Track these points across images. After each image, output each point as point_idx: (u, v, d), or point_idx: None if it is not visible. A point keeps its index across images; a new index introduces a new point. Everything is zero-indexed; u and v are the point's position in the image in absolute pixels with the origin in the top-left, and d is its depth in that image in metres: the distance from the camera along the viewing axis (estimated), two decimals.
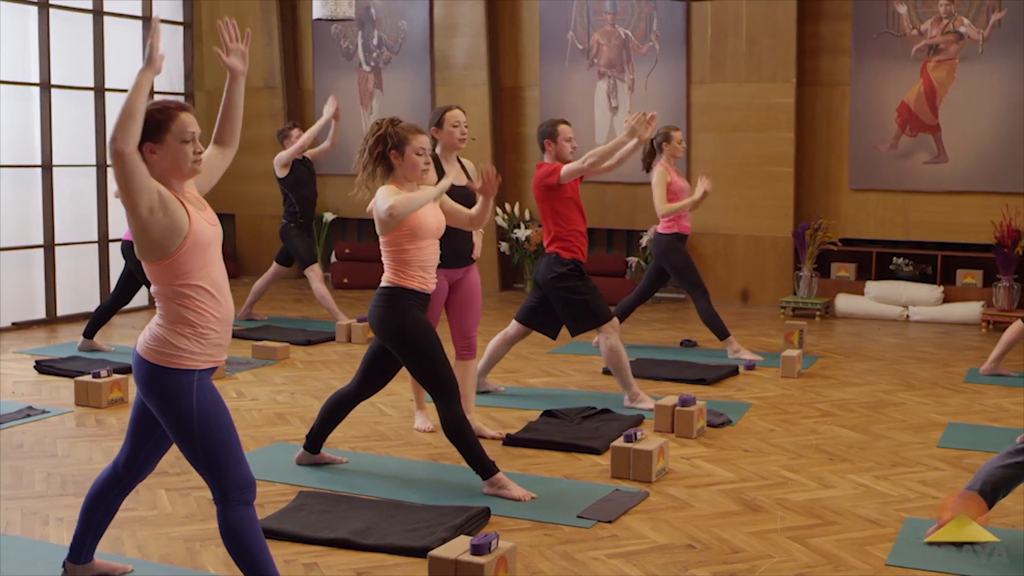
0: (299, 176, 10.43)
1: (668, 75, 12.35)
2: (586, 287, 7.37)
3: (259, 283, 10.90)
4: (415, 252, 5.55)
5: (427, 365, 5.55)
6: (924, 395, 7.94)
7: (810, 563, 4.73)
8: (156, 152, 3.94)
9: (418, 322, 5.54)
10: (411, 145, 5.50)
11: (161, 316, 3.95)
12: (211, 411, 3.96)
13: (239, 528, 3.96)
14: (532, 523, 5.20)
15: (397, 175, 5.55)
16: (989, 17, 11.20)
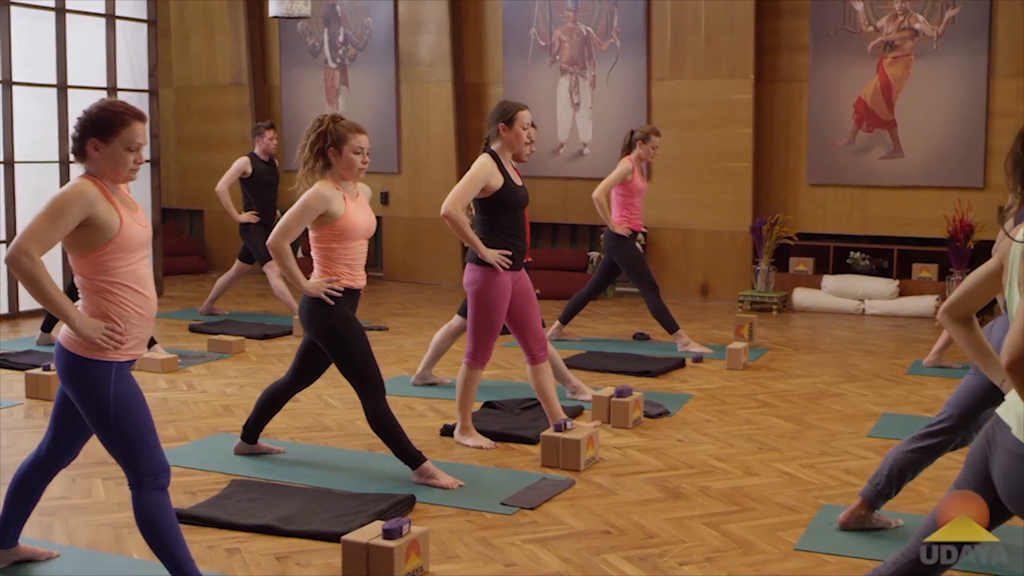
0: (259, 178, 10.49)
1: (629, 72, 12.47)
2: None
3: (222, 279, 10.98)
4: (342, 251, 5.62)
5: (353, 360, 5.62)
6: (864, 386, 8.07)
7: (721, 547, 4.85)
8: (100, 150, 4.03)
9: (346, 318, 5.62)
10: (349, 144, 5.55)
11: (84, 308, 4.05)
12: (127, 400, 4.06)
13: (153, 512, 4.07)
14: (456, 510, 5.31)
15: (334, 172, 5.61)
16: (943, 14, 11.33)
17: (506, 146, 6.25)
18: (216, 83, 14.62)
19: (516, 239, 6.28)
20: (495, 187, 6.15)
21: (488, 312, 6.21)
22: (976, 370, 4.69)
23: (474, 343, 6.30)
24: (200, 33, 14.67)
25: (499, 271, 6.14)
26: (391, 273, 13.94)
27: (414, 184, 13.58)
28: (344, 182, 5.63)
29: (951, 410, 4.80)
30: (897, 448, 4.99)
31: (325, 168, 5.61)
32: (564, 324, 9.69)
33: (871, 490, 4.98)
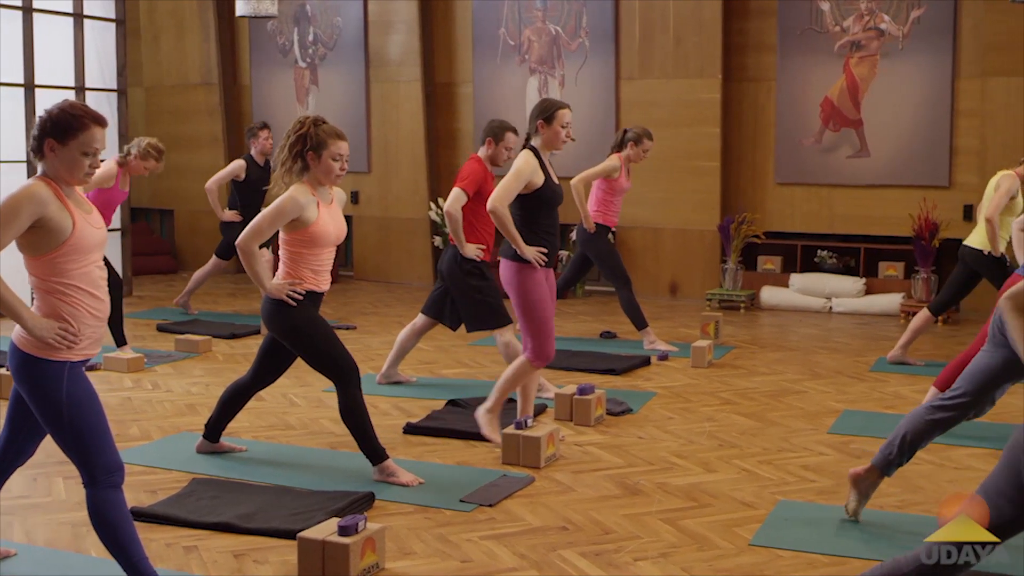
0: (252, 184, 10.44)
1: (598, 71, 12.51)
2: (489, 288, 7.46)
3: (199, 273, 10.94)
4: (311, 257, 5.62)
5: (321, 353, 5.63)
6: (827, 384, 8.13)
7: (676, 543, 4.89)
8: (56, 152, 4.01)
9: (308, 316, 5.62)
10: (329, 149, 5.51)
11: (37, 308, 4.05)
12: (81, 399, 4.06)
13: (107, 510, 4.08)
14: (415, 507, 5.34)
15: (311, 176, 5.57)
16: (909, 14, 11.41)
17: (545, 143, 6.23)
18: (186, 83, 14.60)
19: (552, 236, 6.29)
20: (537, 184, 6.14)
21: (535, 307, 6.19)
22: (990, 347, 4.75)
23: (534, 344, 6.25)
24: (170, 33, 14.65)
25: (535, 267, 6.15)
26: (361, 272, 13.95)
27: (384, 183, 13.60)
28: (320, 187, 5.61)
29: (966, 386, 4.86)
30: (911, 416, 5.01)
31: (303, 171, 5.57)
32: None
33: (882, 458, 5.03)
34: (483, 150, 7.57)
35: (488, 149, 7.54)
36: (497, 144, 7.51)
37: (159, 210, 15.20)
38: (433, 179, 13.35)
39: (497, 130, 7.57)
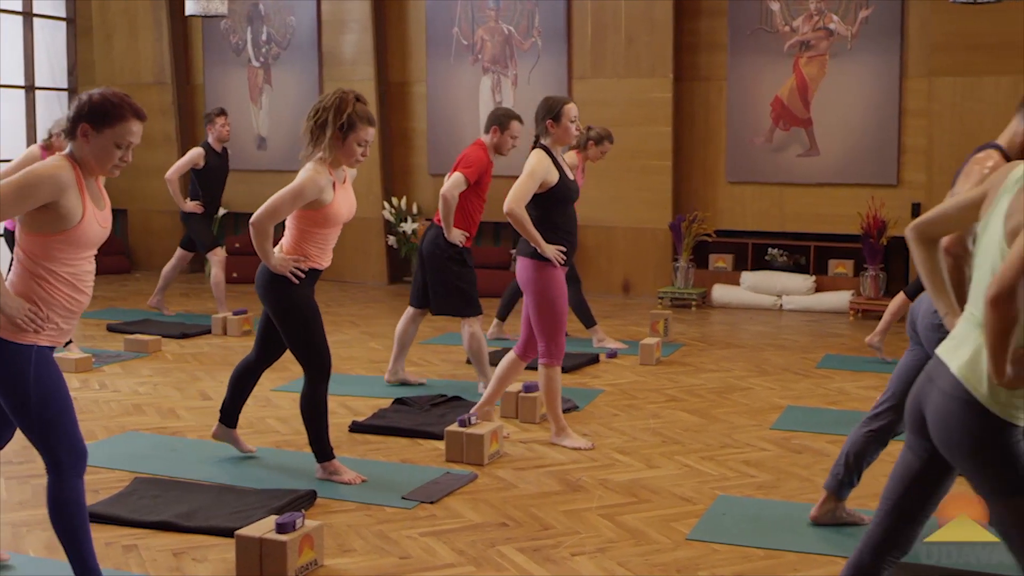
0: (211, 172, 10.41)
1: (550, 70, 12.57)
2: (467, 275, 7.50)
3: (166, 269, 10.87)
4: (319, 236, 5.57)
5: (306, 340, 5.60)
6: (773, 380, 8.21)
7: (614, 538, 4.94)
8: (88, 137, 3.94)
9: (304, 297, 5.58)
10: (356, 133, 5.40)
11: (11, 283, 3.96)
12: (48, 383, 3.97)
13: (69, 498, 3.98)
14: (357, 504, 5.37)
15: (332, 155, 5.43)
16: (857, 14, 11.53)
17: (556, 141, 6.23)
18: (139, 82, 14.51)
19: (569, 235, 6.29)
20: (552, 182, 6.13)
21: (551, 307, 6.21)
22: (910, 345, 4.79)
23: (546, 342, 6.28)
24: (122, 32, 14.57)
25: (554, 266, 6.16)
26: None
27: None
28: (337, 167, 5.53)
29: (893, 388, 4.87)
30: (851, 435, 5.06)
31: (328, 147, 5.41)
32: (503, 321, 9.74)
33: (833, 481, 5.06)
34: (488, 137, 7.60)
35: (494, 137, 7.58)
36: (503, 132, 7.56)
37: (112, 209, 15.06)
38: (387, 178, 13.36)
39: (503, 118, 7.60)
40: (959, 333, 3.12)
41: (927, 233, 3.32)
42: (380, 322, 10.62)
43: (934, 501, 3.28)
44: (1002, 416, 2.96)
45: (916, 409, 3.19)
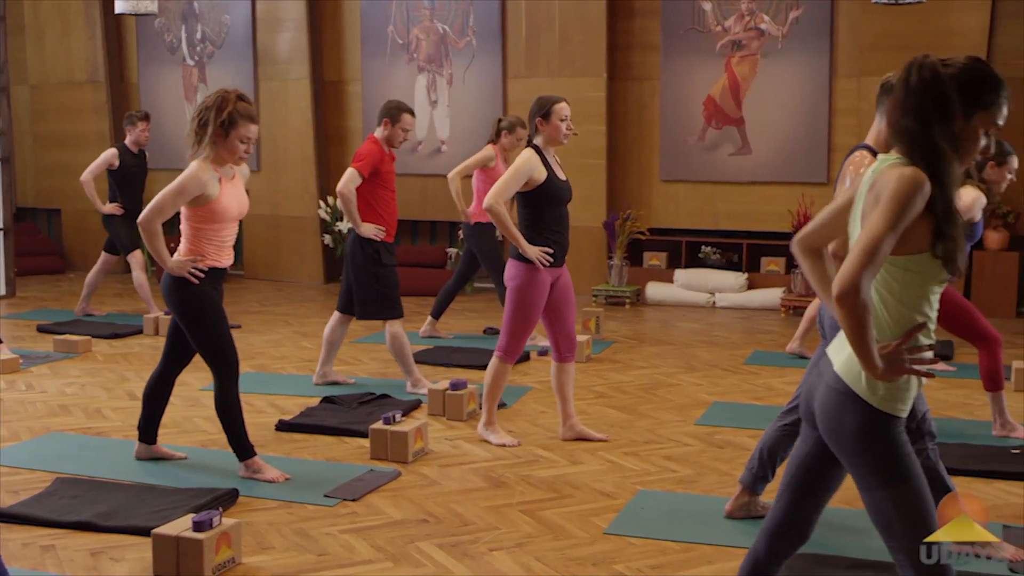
0: (127, 171, 10.36)
1: (485, 70, 12.61)
2: (386, 276, 7.51)
3: (91, 276, 10.82)
4: (212, 232, 5.59)
5: (210, 340, 5.61)
6: (701, 376, 8.29)
7: (533, 533, 4.99)
8: None
9: (207, 297, 5.59)
10: (238, 130, 5.47)
11: None
12: None
13: None
14: (278, 502, 5.38)
15: (215, 153, 5.51)
16: (788, 15, 11.66)
17: (547, 140, 6.23)
18: (72, 80, 14.42)
19: (559, 235, 6.28)
20: (539, 180, 6.13)
21: (525, 309, 6.23)
22: (822, 342, 4.86)
23: (507, 338, 6.30)
24: (55, 29, 14.45)
25: (539, 268, 6.16)
26: (251, 271, 13.90)
27: (273, 181, 13.56)
28: (223, 164, 5.57)
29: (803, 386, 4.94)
30: (767, 430, 5.13)
31: (212, 146, 5.49)
32: (436, 319, 9.77)
33: (748, 476, 5.13)
34: (380, 131, 7.63)
35: (385, 130, 7.61)
36: (394, 125, 7.59)
37: (46, 210, 14.99)
38: (323, 177, 13.34)
39: (394, 111, 7.63)
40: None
41: (811, 244, 3.40)
42: (313, 321, 10.61)
43: (827, 491, 3.35)
44: (883, 409, 3.03)
45: (808, 402, 3.26)
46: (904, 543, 3.11)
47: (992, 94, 3.02)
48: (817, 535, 4.68)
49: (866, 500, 3.15)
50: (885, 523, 3.13)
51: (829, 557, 4.66)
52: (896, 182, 2.92)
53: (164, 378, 6.01)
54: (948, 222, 2.95)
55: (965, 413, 7.22)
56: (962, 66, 3.03)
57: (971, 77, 3.01)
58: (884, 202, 2.92)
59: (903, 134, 3.03)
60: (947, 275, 3.01)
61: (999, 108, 3.04)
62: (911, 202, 2.90)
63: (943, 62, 3.03)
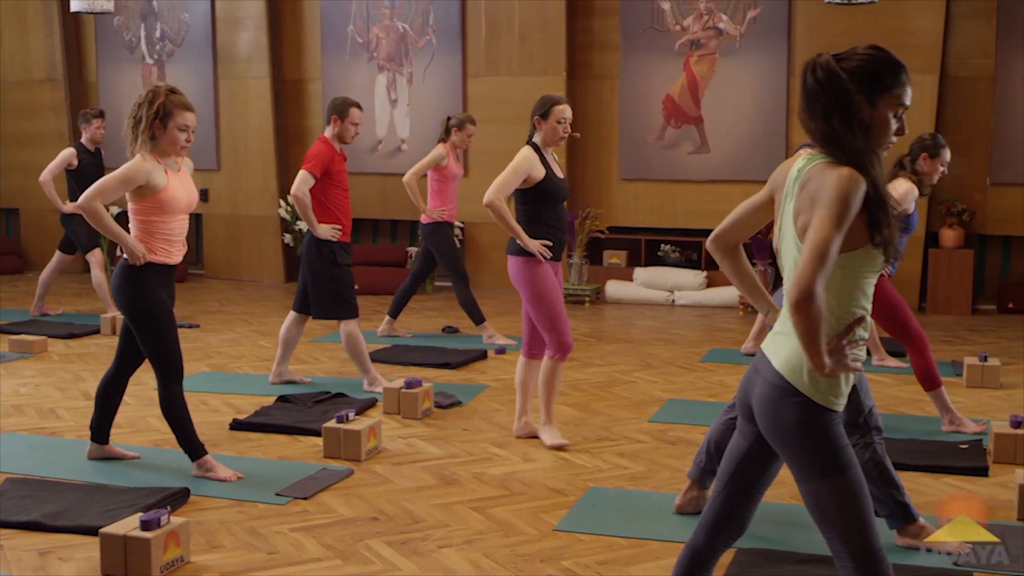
0: (85, 170, 10.31)
1: (445, 69, 12.63)
2: (342, 276, 7.51)
3: (44, 275, 10.76)
4: (162, 225, 5.59)
5: (157, 341, 5.60)
6: (657, 374, 8.34)
7: (483, 530, 5.02)
8: None
9: (155, 297, 5.58)
10: (175, 120, 5.50)
11: None
12: None
13: None
14: (230, 501, 5.38)
15: (158, 147, 5.54)
16: (745, 14, 11.73)
17: (544, 139, 6.27)
18: (30, 79, 14.33)
19: (556, 231, 6.30)
20: (537, 178, 6.18)
21: (544, 299, 6.22)
22: None
23: (551, 337, 6.26)
24: (12, 28, 14.36)
25: (540, 260, 6.19)
26: (211, 270, 13.86)
27: (233, 181, 13.53)
28: (166, 157, 5.58)
29: None
30: (713, 424, 5.18)
31: (150, 140, 5.53)
32: (394, 318, 9.77)
33: (696, 470, 5.18)
34: (329, 129, 7.66)
35: (334, 127, 7.64)
36: (343, 121, 7.62)
37: (4, 209, 14.89)
38: (283, 176, 13.31)
39: (340, 107, 7.66)
40: (779, 327, 3.24)
41: (727, 241, 3.46)
42: (273, 320, 10.59)
43: (762, 484, 3.39)
44: (820, 403, 3.08)
45: (745, 397, 3.30)
46: (841, 534, 3.15)
47: (892, 77, 3.08)
48: (766, 530, 4.79)
49: (804, 492, 3.19)
50: (822, 514, 3.17)
51: (778, 552, 4.71)
52: (836, 183, 2.96)
53: (117, 378, 6.00)
54: (882, 211, 3.00)
55: (916, 409, 7.29)
56: (858, 57, 3.08)
57: (868, 65, 3.06)
58: (826, 205, 2.95)
59: (817, 136, 3.09)
60: (883, 263, 3.06)
61: (902, 89, 3.09)
62: (852, 202, 2.95)
63: (838, 57, 3.08)
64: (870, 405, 4.80)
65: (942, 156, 6.64)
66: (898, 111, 3.09)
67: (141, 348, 5.72)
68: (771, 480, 3.37)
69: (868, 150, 3.02)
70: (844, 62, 3.07)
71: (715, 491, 3.44)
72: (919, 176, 6.60)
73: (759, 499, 3.40)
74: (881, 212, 3.00)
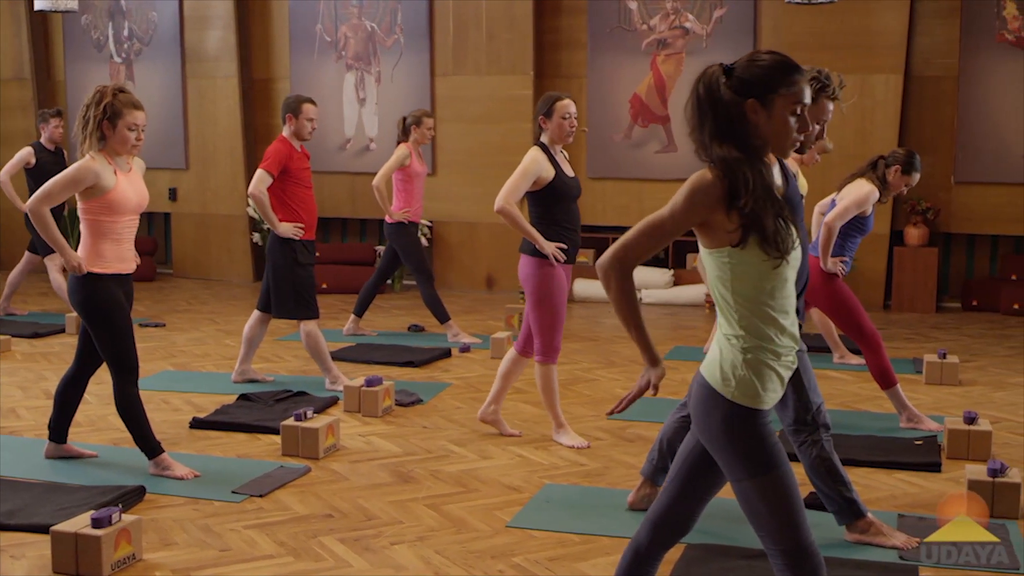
0: (44, 168, 10.29)
1: (413, 67, 12.65)
2: (303, 276, 7.53)
3: (13, 274, 10.74)
4: (111, 225, 5.58)
5: (112, 340, 5.60)
6: (619, 372, 8.38)
7: (435, 527, 5.04)
8: None
9: (111, 297, 5.58)
10: (124, 119, 5.50)
11: None
12: None
13: None
14: (185, 499, 5.40)
15: (108, 146, 5.54)
16: (712, 13, 11.79)
17: (552, 138, 6.21)
18: None
19: (570, 231, 6.27)
20: (547, 179, 6.12)
21: (550, 306, 6.22)
22: None
23: (541, 340, 6.25)
24: None
25: (554, 264, 6.14)
26: (180, 269, 13.84)
27: (202, 179, 13.52)
28: (117, 157, 5.59)
29: None
30: (666, 421, 5.21)
31: (100, 140, 5.53)
32: (359, 317, 9.79)
33: (648, 467, 5.21)
34: (286, 128, 7.67)
35: (290, 126, 7.65)
36: (297, 118, 7.63)
37: None
38: (251, 175, 13.18)
39: (293, 104, 7.67)
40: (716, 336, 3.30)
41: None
42: (239, 319, 10.56)
43: (711, 485, 3.40)
44: (743, 404, 3.11)
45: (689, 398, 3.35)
46: (771, 531, 3.19)
47: (782, 79, 3.10)
48: (715, 526, 4.84)
49: (735, 490, 3.23)
50: (753, 512, 3.21)
51: (726, 547, 4.75)
52: (688, 182, 3.08)
53: (77, 378, 6.01)
54: (760, 212, 3.03)
55: (876, 406, 7.35)
56: (748, 64, 3.12)
57: (757, 71, 3.10)
58: (674, 197, 3.10)
59: (699, 147, 3.13)
60: (773, 262, 3.08)
61: (796, 88, 3.11)
62: (692, 196, 3.05)
63: (731, 66, 3.12)
64: (818, 403, 4.84)
65: (911, 177, 6.75)
66: (796, 109, 3.11)
67: (97, 348, 5.72)
68: (721, 482, 3.38)
69: (740, 158, 3.05)
70: (735, 71, 3.11)
71: (663, 488, 3.47)
72: (884, 184, 6.67)
73: (707, 500, 3.42)
74: (759, 214, 3.03)
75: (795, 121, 3.13)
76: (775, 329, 3.14)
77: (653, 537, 3.47)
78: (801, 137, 3.16)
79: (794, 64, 3.13)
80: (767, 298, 3.12)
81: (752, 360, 3.12)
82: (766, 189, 3.06)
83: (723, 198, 3.02)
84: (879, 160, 6.77)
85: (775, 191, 3.09)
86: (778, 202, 3.08)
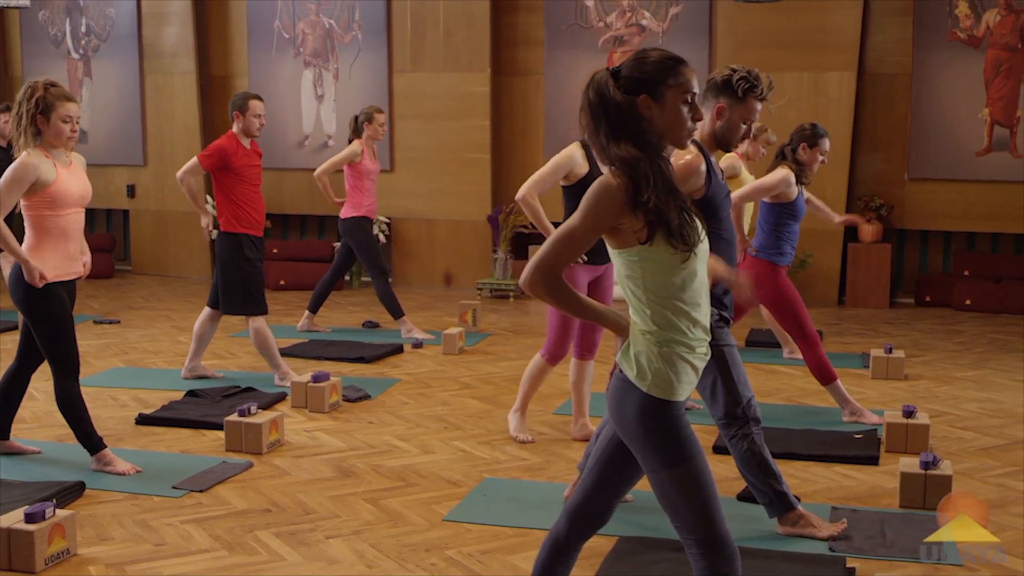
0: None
1: (371, 64, 12.67)
2: (251, 272, 7.55)
3: None
4: (54, 219, 5.59)
5: (53, 337, 5.61)
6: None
7: (372, 521, 5.08)
8: None
9: (53, 294, 5.59)
10: (57, 112, 5.51)
11: None
12: None
13: None
14: (125, 494, 5.41)
15: (44, 141, 5.56)
16: (668, 11, 11.85)
17: None
18: None
19: None
20: (579, 175, 5.95)
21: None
22: None
23: (552, 339, 6.22)
24: None
25: (577, 263, 5.90)
26: (139, 266, 13.82)
27: (160, 176, 13.49)
28: (55, 150, 5.59)
29: None
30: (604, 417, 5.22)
31: (35, 135, 5.54)
32: (314, 313, 9.81)
33: (585, 461, 5.25)
34: (235, 125, 7.69)
35: (238, 122, 7.69)
36: (244, 115, 7.65)
37: None
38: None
39: (240, 101, 7.70)
40: None
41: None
42: (195, 316, 10.42)
43: (628, 478, 3.44)
44: (657, 395, 3.16)
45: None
46: (686, 523, 3.24)
47: (667, 72, 3.16)
48: (646, 518, 4.89)
49: (651, 482, 3.27)
50: (669, 503, 3.26)
51: (656, 540, 4.80)
52: (593, 187, 3.12)
53: (19, 374, 6.01)
54: (663, 207, 3.08)
55: (821, 400, 7.41)
56: (633, 63, 3.19)
57: (643, 68, 3.16)
58: (581, 204, 3.11)
59: (599, 151, 3.17)
60: (681, 255, 3.12)
61: (683, 79, 3.16)
62: (598, 204, 3.09)
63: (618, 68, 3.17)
64: (748, 396, 4.90)
65: (821, 146, 6.73)
66: (687, 98, 3.17)
67: (38, 344, 5.73)
68: (637, 474, 3.41)
69: (639, 156, 3.10)
70: (623, 72, 3.16)
71: (583, 479, 3.51)
72: (800, 166, 6.71)
73: (623, 492, 3.46)
74: (662, 210, 3.08)
75: (687, 111, 3.19)
76: (687, 322, 3.19)
77: (571, 528, 3.52)
78: (695, 127, 3.22)
79: (680, 58, 3.20)
80: (678, 291, 3.16)
81: (667, 353, 3.17)
82: (667, 183, 3.11)
83: (628, 202, 3.07)
84: (783, 148, 6.79)
85: (676, 185, 3.15)
86: (680, 196, 3.14)
